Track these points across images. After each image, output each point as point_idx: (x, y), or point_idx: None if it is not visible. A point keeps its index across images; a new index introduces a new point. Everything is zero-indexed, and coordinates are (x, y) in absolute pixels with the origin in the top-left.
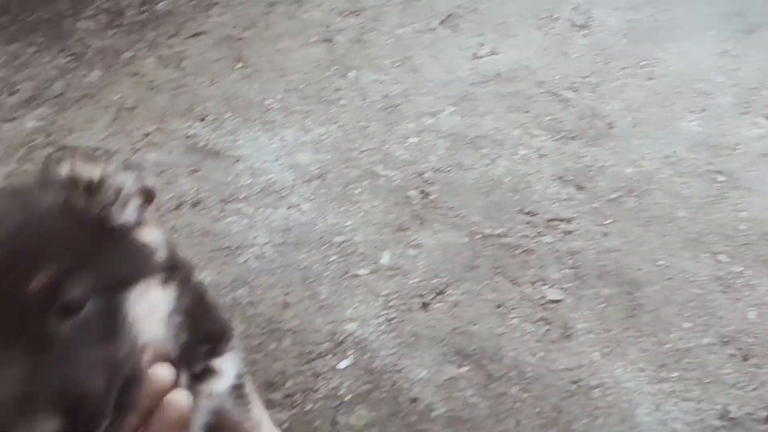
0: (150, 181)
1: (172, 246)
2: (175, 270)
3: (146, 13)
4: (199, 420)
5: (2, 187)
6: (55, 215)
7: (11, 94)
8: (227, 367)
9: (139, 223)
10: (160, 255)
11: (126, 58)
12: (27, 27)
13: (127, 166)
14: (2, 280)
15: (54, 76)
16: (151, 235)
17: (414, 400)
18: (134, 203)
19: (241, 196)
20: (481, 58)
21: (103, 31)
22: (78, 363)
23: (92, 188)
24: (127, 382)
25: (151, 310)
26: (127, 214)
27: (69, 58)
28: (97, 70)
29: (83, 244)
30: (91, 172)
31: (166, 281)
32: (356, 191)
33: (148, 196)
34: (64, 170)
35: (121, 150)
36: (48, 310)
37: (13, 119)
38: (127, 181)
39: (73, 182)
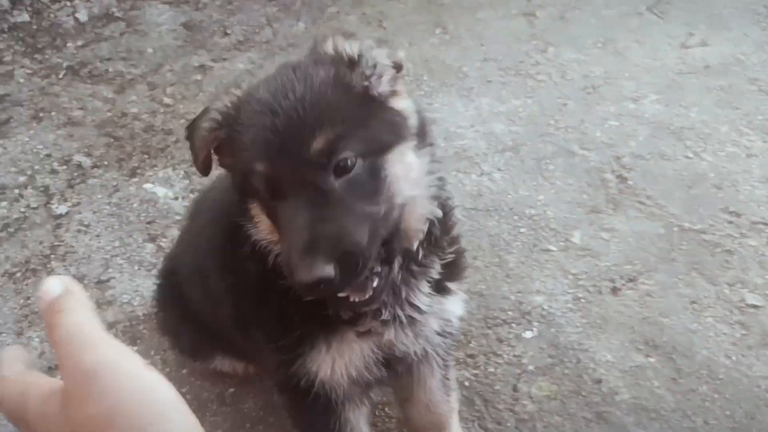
0: (400, 55)
1: (422, 114)
2: (425, 136)
3: None
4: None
5: (284, 63)
6: (328, 87)
7: (224, 35)
8: (458, 301)
9: (394, 93)
10: (412, 122)
11: (331, 13)
12: None
13: (380, 43)
14: (290, 142)
15: (263, 23)
16: (404, 103)
17: (598, 381)
18: (388, 75)
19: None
20: (689, 47)
21: None
22: (348, 217)
23: (354, 62)
24: (386, 237)
25: (406, 172)
26: (383, 84)
27: (278, 8)
28: (303, 21)
29: (352, 112)
30: (351, 48)
31: (418, 147)
32: (550, 167)
33: (398, 68)
34: (329, 47)
35: None
36: (326, 169)
37: (224, 59)
38: (381, 56)
39: (338, 57)
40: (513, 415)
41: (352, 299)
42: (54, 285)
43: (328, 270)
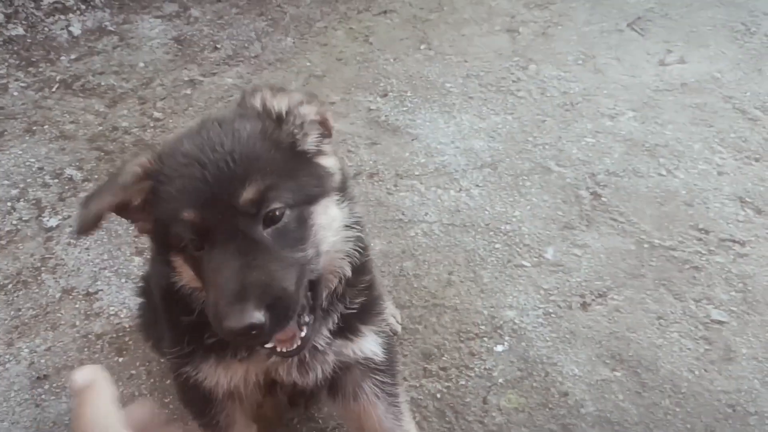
0: (327, 114)
1: (345, 170)
2: (346, 191)
3: None
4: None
5: (207, 118)
6: (256, 140)
7: (214, 50)
8: (373, 341)
9: (319, 150)
10: (336, 178)
11: (318, 28)
12: None
13: (310, 98)
14: (220, 192)
15: (252, 37)
16: (329, 161)
17: (565, 394)
18: (315, 133)
19: (416, 173)
20: (667, 65)
21: None
22: (277, 264)
23: (281, 119)
24: (312, 281)
25: (330, 222)
26: (309, 142)
27: (267, 23)
28: (291, 37)
29: (280, 165)
30: (279, 104)
31: (340, 201)
32: (527, 183)
33: (326, 127)
34: (257, 102)
35: None
36: (255, 219)
37: (214, 74)
38: (309, 113)
39: (266, 113)
40: (482, 427)
41: (280, 350)
42: (81, 377)
43: (258, 316)
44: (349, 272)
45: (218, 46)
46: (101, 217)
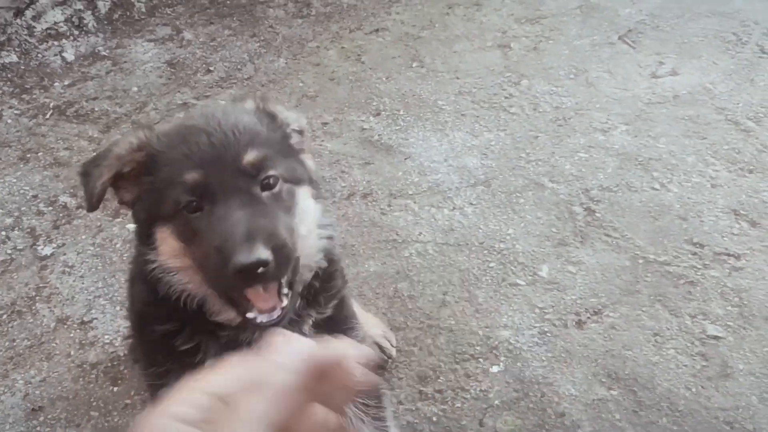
0: (304, 123)
1: (318, 174)
2: (319, 192)
3: (332, 6)
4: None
5: (204, 105)
6: (255, 122)
7: (207, 72)
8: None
9: (302, 149)
10: (314, 177)
11: (311, 48)
12: (224, 11)
13: (290, 109)
14: (225, 154)
15: (245, 59)
16: (309, 161)
17: (561, 415)
18: (297, 135)
19: (409, 193)
20: (659, 77)
21: (291, 19)
22: (277, 220)
23: (273, 116)
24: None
25: (308, 209)
26: (295, 138)
27: (259, 44)
28: (284, 57)
29: (276, 145)
30: (267, 106)
31: (315, 197)
32: (520, 200)
33: (303, 133)
34: (249, 104)
35: None
36: (255, 181)
37: (207, 96)
38: (292, 118)
39: (260, 110)
40: None
41: (259, 320)
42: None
43: (267, 254)
44: (322, 269)
45: (211, 68)
46: (106, 191)
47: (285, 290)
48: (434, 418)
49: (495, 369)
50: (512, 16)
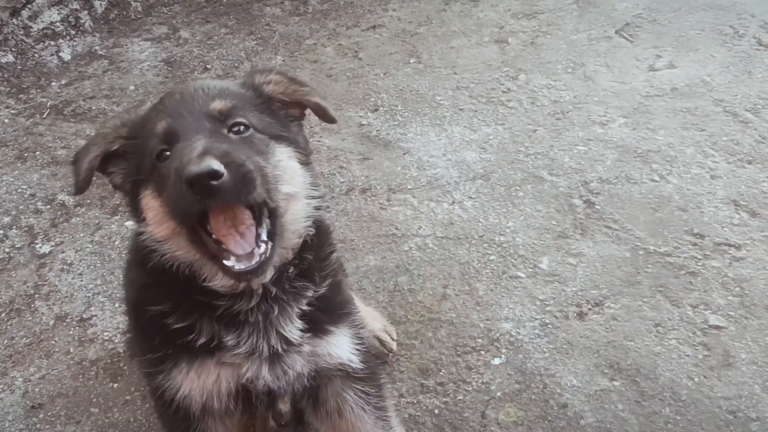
0: (306, 98)
1: (309, 144)
2: (309, 159)
3: (328, 3)
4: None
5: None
6: (232, 85)
7: (204, 70)
8: (346, 345)
9: (301, 115)
10: (303, 144)
11: (308, 45)
12: (220, 9)
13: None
14: (192, 105)
15: (242, 57)
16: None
17: (564, 406)
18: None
19: (408, 187)
20: (657, 70)
21: (288, 17)
22: (239, 150)
23: (252, 84)
24: (271, 209)
25: (292, 170)
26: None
27: (256, 42)
28: (281, 55)
29: (251, 102)
30: (259, 78)
31: (303, 163)
32: (519, 194)
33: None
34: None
35: None
36: (223, 124)
37: None
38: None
39: (247, 81)
40: None
41: (237, 268)
42: None
43: (219, 165)
44: (311, 236)
45: (208, 66)
46: (93, 170)
47: (264, 237)
48: (436, 411)
49: (496, 361)
50: (509, 11)
